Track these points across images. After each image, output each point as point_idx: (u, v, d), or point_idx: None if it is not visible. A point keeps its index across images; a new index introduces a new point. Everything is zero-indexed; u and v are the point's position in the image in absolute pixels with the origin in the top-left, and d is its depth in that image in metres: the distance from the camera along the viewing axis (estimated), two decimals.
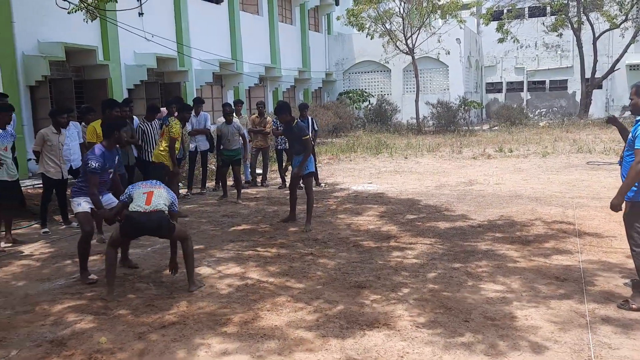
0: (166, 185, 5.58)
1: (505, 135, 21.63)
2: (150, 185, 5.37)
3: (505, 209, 8.65)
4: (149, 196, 5.17)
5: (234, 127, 10.19)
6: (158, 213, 5.11)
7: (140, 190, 5.27)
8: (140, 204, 5.10)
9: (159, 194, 5.24)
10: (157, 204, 5.13)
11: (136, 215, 5.07)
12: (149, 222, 5.06)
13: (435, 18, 24.84)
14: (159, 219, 5.09)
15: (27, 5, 11.79)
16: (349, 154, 16.90)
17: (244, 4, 21.24)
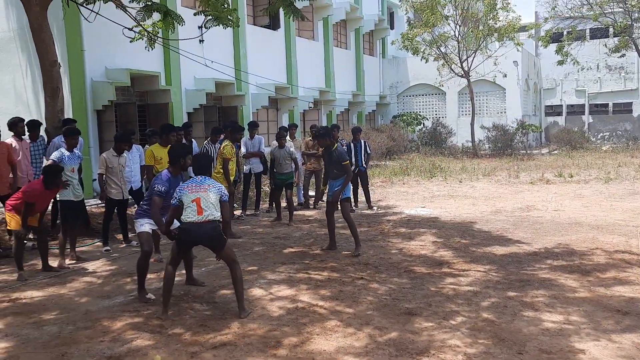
0: None
1: (566, 159, 20.97)
2: (196, 187, 5.34)
3: (564, 237, 8.37)
4: (198, 204, 5.23)
5: (285, 152, 10.41)
6: (211, 224, 5.22)
7: (188, 196, 5.29)
8: (193, 215, 5.22)
9: (206, 199, 5.26)
10: (208, 213, 5.22)
11: (189, 226, 5.22)
12: (202, 233, 5.20)
13: (491, 41, 24.56)
14: (212, 230, 5.22)
15: (96, 35, 12.46)
16: (402, 177, 16.81)
17: (300, 29, 21.67)
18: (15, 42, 12.76)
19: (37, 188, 6.83)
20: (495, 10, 23.11)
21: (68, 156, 7.58)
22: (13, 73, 12.88)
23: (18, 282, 6.70)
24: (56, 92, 9.37)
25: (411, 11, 24.96)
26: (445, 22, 23.53)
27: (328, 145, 7.88)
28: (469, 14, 23.18)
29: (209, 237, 5.24)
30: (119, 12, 10.31)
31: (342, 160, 7.78)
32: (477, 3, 23.31)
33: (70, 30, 12.15)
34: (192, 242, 5.40)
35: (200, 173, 5.51)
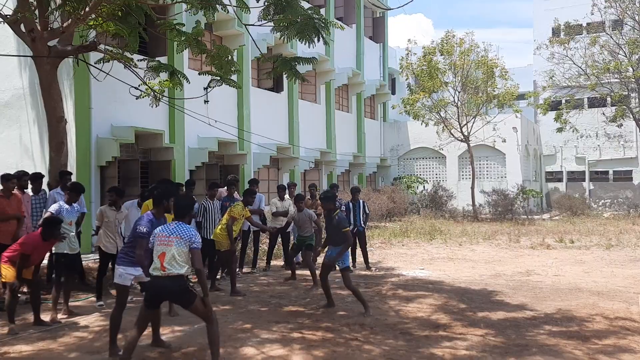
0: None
1: (567, 225, 20.92)
2: (165, 238, 5.17)
3: (564, 302, 8.26)
4: (162, 260, 5.06)
5: (305, 215, 10.15)
6: (174, 279, 5.01)
7: (157, 248, 5.16)
8: (157, 269, 5.05)
9: (171, 253, 5.06)
10: (170, 269, 5.02)
11: (154, 280, 5.05)
12: (166, 288, 5.02)
13: (490, 107, 25.08)
14: (176, 286, 5.03)
15: (103, 93, 12.81)
16: (401, 238, 16.75)
17: (303, 92, 22.22)
18: (25, 98, 13.10)
19: (35, 239, 6.84)
20: (493, 78, 23.74)
21: (67, 209, 7.63)
22: (21, 128, 13.15)
23: (8, 335, 6.59)
24: (61, 147, 9.55)
25: (412, 77, 25.65)
26: (444, 88, 24.13)
27: (330, 209, 7.87)
28: (467, 81, 23.79)
29: (174, 293, 5.07)
30: (126, 71, 10.65)
31: (342, 227, 7.69)
32: (476, 71, 23.97)
33: (79, 88, 12.50)
34: (157, 297, 5.20)
35: (177, 218, 5.36)
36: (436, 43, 24.23)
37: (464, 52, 23.52)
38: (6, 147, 13.29)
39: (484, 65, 23.41)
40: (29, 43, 9.22)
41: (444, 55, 23.87)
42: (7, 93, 13.31)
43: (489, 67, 23.40)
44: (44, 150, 12.21)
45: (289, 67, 9.88)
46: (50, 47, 9.32)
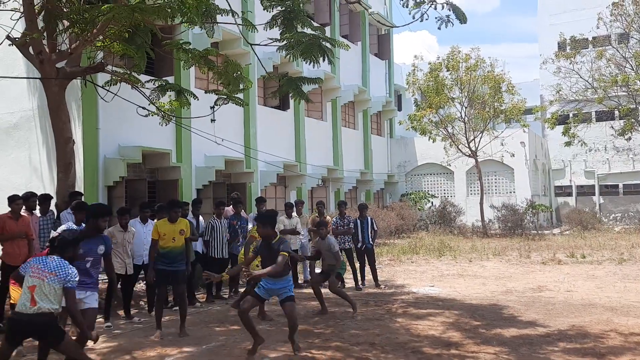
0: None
1: (578, 240, 20.71)
2: (40, 270, 4.87)
3: (577, 318, 8.12)
4: (32, 293, 4.74)
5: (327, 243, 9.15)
6: (42, 317, 4.68)
7: (29, 279, 4.85)
8: (26, 303, 4.71)
9: (42, 288, 4.75)
10: (40, 305, 4.70)
11: (20, 316, 4.72)
12: (33, 326, 4.68)
13: (498, 122, 25.03)
14: (44, 324, 4.70)
15: (111, 113, 12.87)
16: (410, 255, 16.62)
17: (309, 110, 22.27)
18: (34, 120, 13.19)
19: None
20: (500, 93, 23.72)
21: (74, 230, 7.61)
22: (30, 149, 13.22)
23: (16, 357, 6.53)
24: (68, 168, 9.58)
25: (418, 93, 25.68)
26: (451, 103, 24.12)
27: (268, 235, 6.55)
28: (474, 97, 23.78)
29: (41, 331, 4.75)
30: (133, 91, 10.72)
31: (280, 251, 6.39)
32: (483, 86, 23.97)
33: (86, 109, 12.56)
34: (21, 333, 4.87)
35: (59, 254, 5.07)
36: (442, 59, 24.30)
37: (470, 67, 23.55)
38: (15, 168, 13.36)
39: (491, 80, 23.41)
40: (37, 65, 9.30)
41: (450, 71, 23.91)
42: (16, 115, 13.41)
43: (495, 82, 23.40)
44: (52, 171, 12.25)
45: (294, 86, 9.91)
46: (58, 69, 9.40)
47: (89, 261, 5.70)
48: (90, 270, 5.71)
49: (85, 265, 5.65)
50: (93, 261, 5.76)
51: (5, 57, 12.16)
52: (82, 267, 5.58)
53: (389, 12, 29.65)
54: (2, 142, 13.62)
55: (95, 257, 5.78)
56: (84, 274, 5.56)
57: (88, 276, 5.67)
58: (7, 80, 12.64)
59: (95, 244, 5.79)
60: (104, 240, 5.96)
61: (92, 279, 5.71)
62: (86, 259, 5.66)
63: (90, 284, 5.69)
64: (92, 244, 5.76)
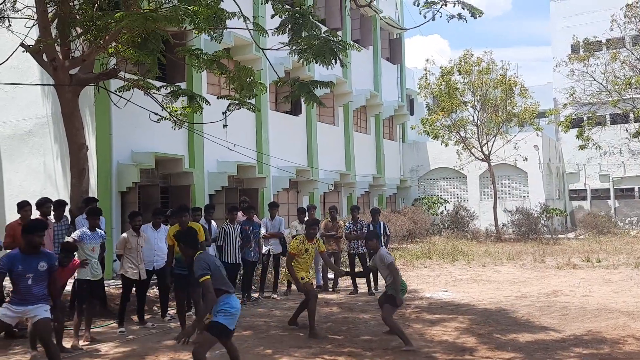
0: None
1: (593, 244, 20.46)
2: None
3: (593, 324, 8.01)
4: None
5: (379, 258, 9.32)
6: None
7: None
8: None
9: None
10: None
11: None
12: None
13: (511, 126, 24.86)
14: None
15: (124, 119, 12.96)
16: (423, 260, 16.51)
17: (321, 115, 22.27)
18: (48, 126, 13.33)
19: None
20: (512, 96, 23.57)
21: (89, 235, 7.66)
22: (44, 156, 13.35)
23: None
24: (82, 174, 9.64)
25: (430, 97, 25.59)
26: (464, 107, 24.01)
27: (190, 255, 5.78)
28: (487, 100, 23.65)
29: None
30: (146, 97, 10.78)
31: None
32: (495, 90, 23.84)
33: (100, 115, 12.67)
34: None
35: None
36: (454, 63, 24.21)
37: (482, 71, 23.44)
38: (30, 174, 13.49)
39: (503, 84, 23.28)
40: (51, 72, 9.39)
41: (462, 75, 23.81)
42: (30, 122, 13.55)
43: (508, 85, 23.26)
44: (66, 177, 12.34)
45: (306, 90, 9.89)
46: (71, 76, 9.48)
47: (29, 278, 5.56)
48: (32, 287, 5.59)
49: (27, 282, 5.54)
50: (34, 277, 5.60)
51: (19, 64, 12.30)
52: (23, 285, 5.53)
53: (400, 16, 29.62)
54: (16, 149, 13.77)
55: (36, 273, 5.61)
56: (25, 292, 5.53)
57: (29, 294, 5.57)
58: (21, 88, 12.80)
59: (36, 260, 5.62)
60: (46, 255, 5.78)
61: (34, 297, 5.60)
62: (26, 276, 5.54)
63: (33, 300, 5.59)
64: (32, 260, 5.60)
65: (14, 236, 8.06)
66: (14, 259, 5.54)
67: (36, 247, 5.65)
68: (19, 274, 5.50)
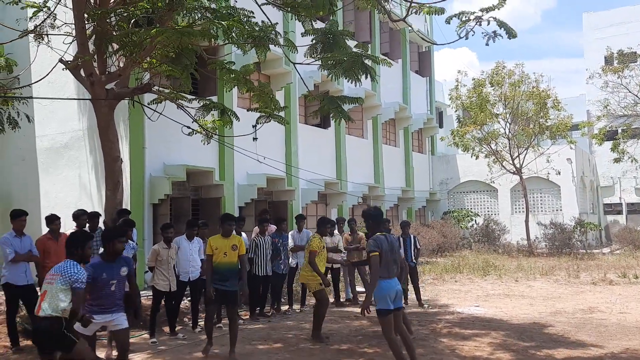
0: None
1: (629, 259, 19.88)
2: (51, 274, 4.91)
3: (632, 342, 7.77)
4: (41, 299, 4.70)
5: None
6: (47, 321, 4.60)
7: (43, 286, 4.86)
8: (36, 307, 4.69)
9: (51, 291, 4.73)
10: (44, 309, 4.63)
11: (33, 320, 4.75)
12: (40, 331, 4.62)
13: (543, 138, 24.48)
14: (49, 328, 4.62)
15: (156, 132, 13.21)
16: (454, 274, 16.29)
17: (350, 128, 22.29)
18: (84, 140, 13.66)
19: None
20: (545, 109, 23.22)
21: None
22: (79, 168, 13.67)
23: None
24: (117, 186, 9.83)
25: (460, 109, 25.39)
26: (495, 119, 23.74)
27: None
28: (518, 113, 23.35)
29: (48, 336, 4.65)
30: (178, 111, 10.97)
31: None
32: (527, 102, 23.52)
33: (133, 129, 12.93)
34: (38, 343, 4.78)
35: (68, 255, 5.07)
36: (486, 74, 24.00)
37: (515, 83, 23.18)
38: (66, 186, 13.82)
39: (536, 96, 22.96)
40: (88, 87, 9.64)
41: (494, 87, 23.58)
42: (67, 135, 13.91)
43: (541, 98, 22.93)
44: (101, 189, 12.61)
45: (335, 105, 9.94)
46: (107, 90, 9.71)
47: (112, 284, 5.66)
48: (115, 293, 5.68)
49: (110, 288, 5.62)
50: (117, 284, 5.70)
51: (57, 79, 12.65)
52: (106, 292, 5.59)
53: (429, 29, 29.56)
54: (53, 161, 14.14)
55: (119, 279, 5.72)
56: (107, 298, 5.59)
57: (111, 301, 5.64)
58: (59, 102, 13.16)
59: (117, 266, 5.72)
60: (125, 261, 5.89)
61: (115, 303, 5.68)
62: (110, 283, 5.62)
63: (116, 307, 5.68)
64: (114, 267, 5.70)
65: (44, 250, 8.13)
66: (98, 267, 5.58)
67: (119, 254, 5.72)
68: (104, 281, 5.53)
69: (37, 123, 14.00)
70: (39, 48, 10.69)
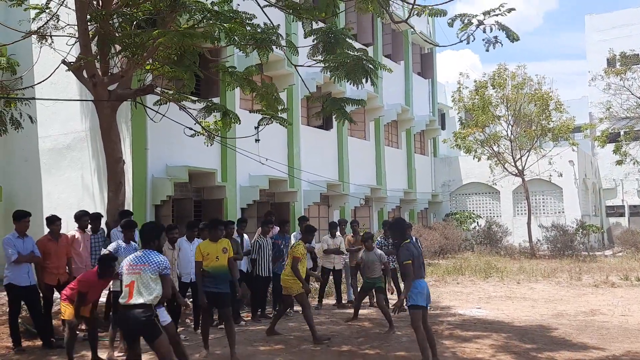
0: None
1: (632, 262, 19.84)
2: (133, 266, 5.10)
3: (634, 344, 7.76)
4: (130, 289, 4.94)
5: (375, 255, 9.73)
6: (139, 308, 4.86)
7: (124, 278, 5.09)
8: (125, 297, 4.93)
9: (140, 281, 4.96)
10: (137, 297, 4.89)
11: (121, 310, 4.95)
12: (131, 319, 4.85)
13: (545, 140, 24.45)
14: (140, 315, 4.86)
15: (159, 134, 13.23)
16: (456, 276, 16.27)
17: (352, 129, 22.30)
18: (87, 141, 13.69)
19: (91, 278, 7.00)
20: (548, 111, 23.20)
21: (124, 247, 7.79)
22: (82, 169, 13.70)
23: None
24: (119, 187, 9.86)
25: (463, 111, 25.38)
26: (497, 122, 23.72)
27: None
28: (521, 115, 23.33)
29: (138, 323, 4.90)
30: (180, 112, 10.99)
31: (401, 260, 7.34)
32: (529, 104, 23.50)
33: (136, 130, 12.96)
34: (126, 328, 5.04)
35: (145, 246, 5.30)
36: (488, 76, 23.99)
37: (517, 85, 23.17)
38: (68, 187, 13.85)
39: (539, 98, 22.94)
40: (91, 88, 9.67)
41: (496, 89, 23.57)
42: (69, 136, 13.95)
43: (543, 100, 22.90)
44: (103, 190, 12.64)
45: (337, 107, 9.95)
46: (110, 92, 9.74)
47: None
48: None
49: None
50: None
51: (60, 80, 12.68)
52: None
53: (432, 31, 29.57)
54: (56, 163, 14.17)
55: None
56: None
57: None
58: (61, 103, 13.19)
59: None
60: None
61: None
62: None
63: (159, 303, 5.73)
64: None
65: (44, 252, 8.14)
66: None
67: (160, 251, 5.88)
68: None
69: (39, 124, 14.03)
70: (41, 49, 10.72)
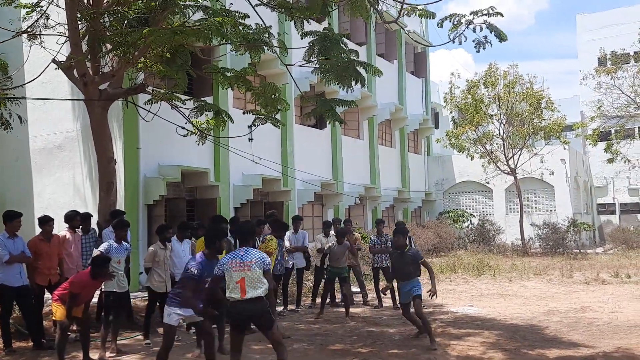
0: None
1: (622, 259, 19.99)
2: (240, 264, 5.42)
3: (623, 340, 7.82)
4: (242, 286, 5.31)
5: (343, 247, 10.37)
6: (255, 302, 5.29)
7: (233, 276, 5.39)
8: (237, 294, 5.28)
9: (251, 278, 5.35)
10: (252, 293, 5.28)
11: (235, 304, 5.30)
12: (249, 311, 5.25)
13: (537, 139, 24.56)
14: (259, 308, 5.30)
15: (151, 133, 13.19)
16: (449, 274, 16.34)
17: (346, 128, 22.32)
18: (78, 140, 13.63)
19: (83, 278, 6.97)
20: (539, 109, 23.30)
21: (115, 247, 7.78)
22: (73, 169, 13.64)
23: None
24: (110, 187, 9.82)
25: (455, 111, 25.46)
26: (489, 120, 23.81)
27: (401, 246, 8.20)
28: (513, 113, 23.42)
29: (257, 315, 5.32)
30: (173, 112, 10.96)
31: (418, 259, 8.22)
32: (521, 103, 23.59)
33: (127, 130, 12.91)
34: (241, 321, 5.43)
35: (243, 244, 5.58)
36: (480, 76, 24.08)
37: (509, 84, 23.26)
38: (59, 187, 13.79)
39: (530, 97, 23.04)
40: (81, 87, 9.62)
41: (487, 88, 23.65)
42: (60, 136, 13.88)
43: (535, 99, 23.00)
44: (94, 190, 12.59)
45: (328, 107, 9.98)
46: (101, 91, 9.70)
47: (206, 282, 5.95)
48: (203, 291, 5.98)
49: (204, 286, 5.94)
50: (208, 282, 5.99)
51: (51, 80, 12.63)
52: (203, 287, 5.92)
53: (425, 31, 29.64)
54: (47, 162, 14.10)
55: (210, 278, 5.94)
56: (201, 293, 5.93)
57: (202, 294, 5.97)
58: (52, 103, 13.12)
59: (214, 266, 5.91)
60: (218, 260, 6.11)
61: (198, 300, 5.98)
62: (206, 280, 5.92)
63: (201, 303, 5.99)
64: (213, 266, 5.91)
65: (35, 252, 8.12)
66: (206, 265, 5.89)
67: (220, 253, 6.16)
68: (205, 278, 5.87)
69: (30, 124, 13.95)
70: (32, 48, 10.67)
